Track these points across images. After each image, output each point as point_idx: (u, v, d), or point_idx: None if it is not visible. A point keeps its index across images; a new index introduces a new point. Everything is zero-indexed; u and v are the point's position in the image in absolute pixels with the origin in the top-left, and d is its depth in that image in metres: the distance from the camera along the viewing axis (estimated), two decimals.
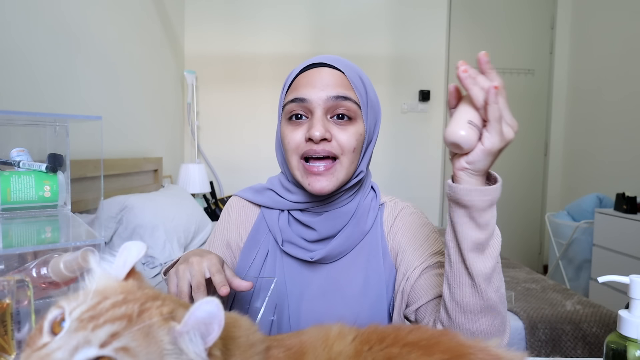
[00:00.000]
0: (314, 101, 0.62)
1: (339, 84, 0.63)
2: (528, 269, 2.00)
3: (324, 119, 0.62)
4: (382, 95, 3.33)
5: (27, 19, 1.39)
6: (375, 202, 0.72)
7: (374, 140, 0.71)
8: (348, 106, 0.63)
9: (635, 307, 0.48)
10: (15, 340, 0.53)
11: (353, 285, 0.68)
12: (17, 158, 0.85)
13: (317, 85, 0.63)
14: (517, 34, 3.41)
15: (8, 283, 0.53)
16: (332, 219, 0.68)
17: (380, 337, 0.39)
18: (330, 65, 0.64)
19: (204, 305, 0.30)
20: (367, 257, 0.69)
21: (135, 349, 0.28)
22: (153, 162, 2.47)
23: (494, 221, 0.55)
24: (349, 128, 0.63)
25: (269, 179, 0.78)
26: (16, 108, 1.31)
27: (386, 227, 0.72)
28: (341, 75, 0.64)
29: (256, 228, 0.73)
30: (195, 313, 0.30)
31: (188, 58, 3.25)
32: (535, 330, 1.37)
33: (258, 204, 0.75)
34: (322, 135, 0.61)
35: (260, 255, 0.71)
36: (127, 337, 0.29)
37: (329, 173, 0.63)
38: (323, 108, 0.62)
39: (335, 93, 0.62)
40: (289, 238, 0.69)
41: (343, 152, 0.63)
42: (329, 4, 3.26)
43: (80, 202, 1.58)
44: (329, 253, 0.68)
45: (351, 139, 0.63)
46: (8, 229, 0.75)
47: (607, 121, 2.93)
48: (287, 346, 0.39)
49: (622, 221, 2.25)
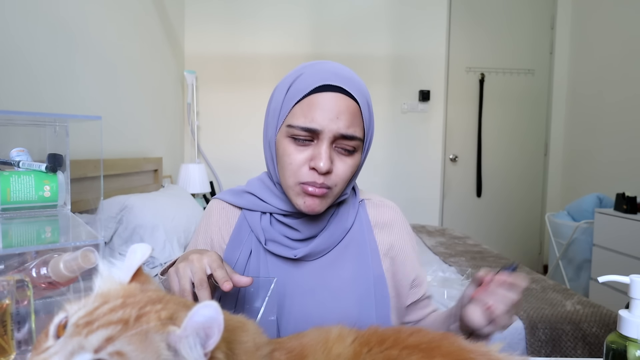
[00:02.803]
0: (325, 132, 0.61)
1: (352, 119, 0.62)
2: (528, 269, 2.00)
3: (330, 148, 0.62)
4: (382, 95, 3.33)
5: (27, 19, 1.39)
6: (355, 199, 0.75)
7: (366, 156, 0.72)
8: (354, 144, 0.64)
9: (636, 307, 0.48)
10: (15, 340, 0.53)
11: (340, 280, 0.70)
12: (16, 158, 0.84)
13: (331, 115, 0.61)
14: (517, 34, 3.41)
15: (8, 283, 0.53)
16: (313, 220, 0.70)
17: (380, 340, 0.39)
18: (347, 92, 0.62)
19: (203, 310, 0.30)
20: (353, 252, 0.72)
21: (130, 353, 0.28)
22: (153, 162, 2.46)
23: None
24: (348, 160, 0.64)
25: (248, 181, 0.77)
26: (16, 108, 1.31)
27: (373, 223, 0.75)
28: (355, 107, 0.63)
29: (238, 229, 0.73)
30: (194, 317, 0.30)
31: (188, 58, 3.25)
32: (535, 330, 1.37)
33: (239, 207, 0.74)
34: (328, 168, 0.61)
35: (244, 255, 0.71)
36: (122, 342, 0.29)
37: (321, 197, 0.64)
38: (331, 138, 0.62)
39: (347, 132, 0.62)
40: (272, 237, 0.70)
41: (337, 182, 0.64)
42: (329, 3, 3.26)
43: (80, 202, 1.58)
44: (312, 250, 0.69)
45: (348, 171, 0.64)
46: (8, 229, 0.75)
47: (607, 121, 2.93)
48: (288, 349, 0.39)
49: (622, 221, 2.25)
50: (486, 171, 3.48)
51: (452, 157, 3.47)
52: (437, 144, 3.39)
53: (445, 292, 1.62)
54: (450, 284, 1.74)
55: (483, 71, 3.42)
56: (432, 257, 2.17)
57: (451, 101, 3.43)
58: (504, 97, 3.45)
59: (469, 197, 3.51)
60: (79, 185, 1.59)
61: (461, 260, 2.12)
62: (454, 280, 1.79)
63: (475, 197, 3.51)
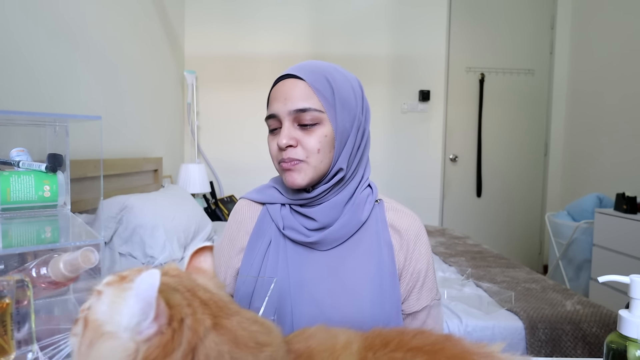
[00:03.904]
0: (280, 115, 0.70)
1: (301, 96, 0.69)
2: (528, 269, 2.00)
3: (292, 127, 0.70)
4: (382, 95, 3.33)
5: (27, 19, 1.39)
6: (372, 197, 0.77)
7: (356, 135, 0.73)
8: (310, 116, 0.69)
9: (636, 307, 0.48)
10: (15, 340, 0.53)
11: (351, 272, 0.72)
12: (16, 158, 0.84)
13: (281, 99, 0.70)
14: (517, 34, 3.41)
15: (8, 283, 0.53)
16: (329, 209, 0.73)
17: (384, 342, 0.39)
18: (294, 75, 0.70)
19: (147, 278, 0.30)
20: (367, 246, 0.73)
21: (106, 293, 0.34)
22: (153, 162, 2.46)
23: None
24: (314, 132, 0.69)
25: (272, 178, 0.84)
26: (16, 108, 1.31)
27: (390, 226, 0.77)
28: (304, 85, 0.69)
29: (260, 221, 0.78)
30: (139, 285, 0.30)
31: (188, 58, 3.25)
32: (535, 330, 1.37)
33: (261, 202, 0.81)
34: (286, 143, 0.69)
35: (264, 244, 0.76)
36: (112, 286, 0.35)
37: (297, 169, 0.70)
38: (289, 119, 0.69)
39: (296, 106, 0.68)
40: (290, 224, 0.74)
41: (308, 154, 0.69)
42: (329, 3, 3.26)
43: (80, 202, 1.58)
44: (326, 237, 0.72)
45: (314, 141, 0.69)
46: (8, 229, 0.75)
47: (607, 121, 2.93)
48: (296, 352, 0.39)
49: (622, 221, 2.25)
50: (486, 171, 3.48)
51: (452, 157, 3.47)
52: (437, 144, 3.39)
53: (445, 292, 1.62)
54: (450, 284, 1.74)
55: (483, 71, 3.42)
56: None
57: (451, 101, 3.43)
58: (504, 97, 3.45)
59: (469, 197, 3.51)
60: (79, 185, 1.59)
61: (461, 260, 2.12)
62: (454, 280, 1.79)
63: (475, 197, 3.51)
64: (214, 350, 0.32)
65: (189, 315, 0.33)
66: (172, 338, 0.31)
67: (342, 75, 0.72)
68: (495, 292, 1.60)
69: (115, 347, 0.31)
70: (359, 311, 0.69)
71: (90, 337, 0.33)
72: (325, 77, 0.70)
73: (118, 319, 0.32)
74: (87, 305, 0.36)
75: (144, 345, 0.31)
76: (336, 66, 0.75)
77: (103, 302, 0.34)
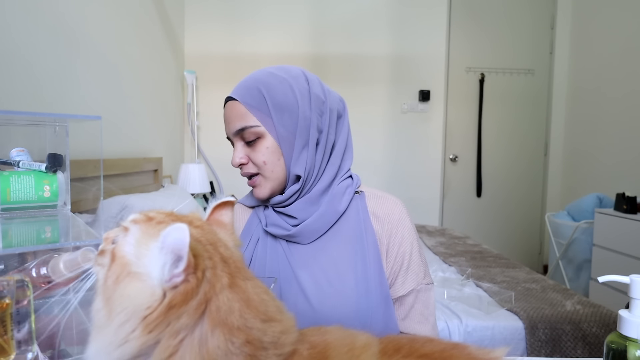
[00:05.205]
0: (230, 137, 0.76)
1: (237, 116, 0.72)
2: (528, 269, 2.00)
3: (242, 146, 0.74)
4: (382, 95, 3.33)
5: (27, 19, 1.39)
6: (352, 188, 0.78)
7: (307, 134, 0.72)
8: (249, 133, 0.72)
9: (636, 307, 0.48)
10: (15, 340, 0.53)
11: (334, 264, 0.73)
12: (16, 158, 0.84)
13: (226, 123, 0.75)
14: (517, 34, 3.41)
15: (8, 283, 0.53)
16: (306, 204, 0.75)
17: (396, 347, 0.41)
18: (232, 97, 0.73)
19: (174, 232, 0.32)
20: (347, 237, 0.75)
21: (133, 230, 0.36)
22: (153, 162, 2.46)
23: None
24: (257, 146, 0.72)
25: None
26: (16, 108, 1.31)
27: (371, 214, 0.77)
28: (238, 105, 0.72)
29: (249, 223, 0.82)
30: (167, 237, 0.32)
31: (188, 58, 3.25)
32: (535, 330, 1.37)
33: (251, 206, 0.85)
34: (238, 162, 0.74)
35: (252, 242, 0.79)
36: (137, 225, 0.37)
37: (257, 184, 0.75)
38: (237, 139, 0.74)
39: (235, 128, 0.72)
40: (273, 221, 0.77)
41: (259, 168, 0.73)
42: (329, 3, 3.26)
43: (80, 202, 1.58)
44: (304, 229, 0.73)
45: (259, 155, 0.72)
46: (8, 229, 0.75)
47: (607, 121, 2.93)
48: (311, 343, 0.39)
49: (622, 221, 2.25)
50: (486, 171, 3.48)
51: (452, 157, 3.47)
52: (437, 144, 3.39)
53: (445, 292, 1.62)
54: (450, 284, 1.74)
55: (483, 71, 3.42)
56: (432, 257, 2.17)
57: (451, 101, 3.43)
58: (504, 97, 3.45)
59: (469, 197, 3.51)
60: (79, 185, 1.59)
61: (461, 260, 2.12)
62: (454, 280, 1.79)
63: (475, 197, 3.51)
64: (225, 305, 0.35)
65: (209, 268, 0.35)
66: (196, 286, 0.34)
67: (278, 79, 0.71)
68: (495, 292, 1.60)
69: (143, 290, 0.33)
70: (344, 300, 0.70)
71: (118, 272, 0.35)
72: (258, 88, 0.71)
73: (146, 262, 0.34)
74: (112, 236, 0.38)
75: (171, 293, 0.33)
76: (276, 69, 0.74)
77: (129, 242, 0.36)
